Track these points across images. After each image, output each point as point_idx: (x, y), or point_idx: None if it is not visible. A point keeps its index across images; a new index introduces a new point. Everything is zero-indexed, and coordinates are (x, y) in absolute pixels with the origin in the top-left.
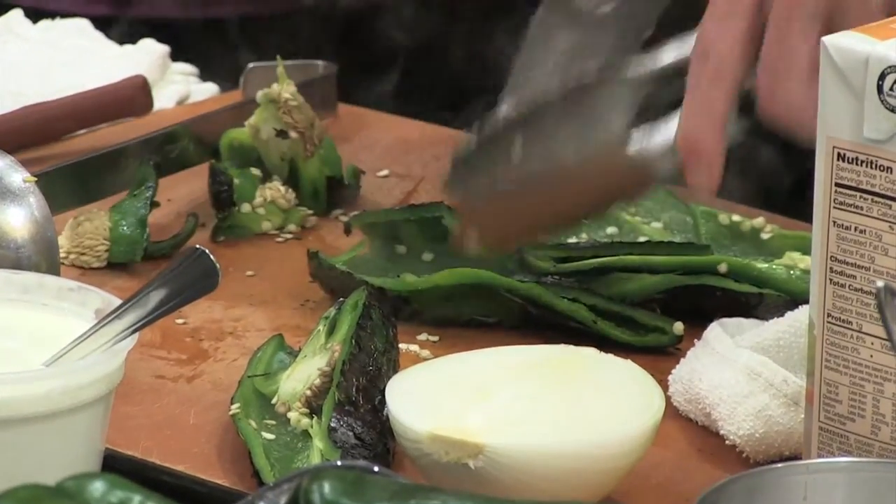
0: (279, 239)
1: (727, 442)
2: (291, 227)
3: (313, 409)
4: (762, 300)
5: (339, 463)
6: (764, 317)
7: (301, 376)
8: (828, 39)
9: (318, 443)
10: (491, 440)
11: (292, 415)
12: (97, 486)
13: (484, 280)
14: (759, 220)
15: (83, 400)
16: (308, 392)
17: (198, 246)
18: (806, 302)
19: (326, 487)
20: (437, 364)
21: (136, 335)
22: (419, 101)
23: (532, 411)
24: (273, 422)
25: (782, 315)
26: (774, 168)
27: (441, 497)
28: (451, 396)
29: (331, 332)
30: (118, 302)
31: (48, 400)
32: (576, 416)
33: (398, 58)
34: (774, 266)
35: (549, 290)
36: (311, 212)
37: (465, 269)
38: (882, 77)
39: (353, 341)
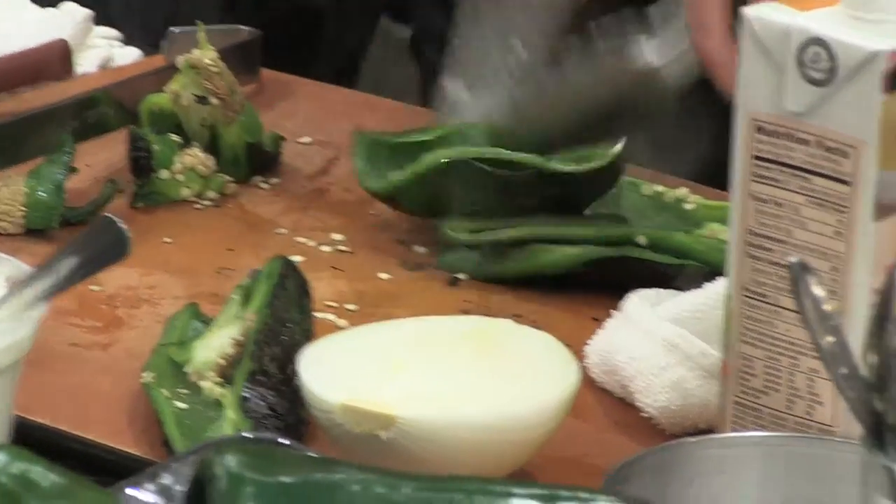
0: (198, 206)
1: (643, 414)
2: (211, 193)
3: (227, 378)
4: (682, 271)
5: (246, 435)
6: (684, 288)
7: (215, 345)
8: (748, 11)
9: (230, 413)
10: (403, 412)
11: (205, 384)
12: None
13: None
14: (682, 191)
15: None
16: (221, 361)
17: (107, 214)
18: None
19: (230, 460)
20: (351, 334)
21: (47, 303)
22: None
23: (445, 383)
24: (186, 391)
25: (702, 286)
26: (702, 139)
27: (346, 470)
28: (364, 367)
29: (246, 301)
30: (29, 270)
31: None
32: (489, 388)
33: (324, 24)
34: (694, 237)
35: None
36: (231, 179)
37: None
38: (803, 49)
39: (268, 311)
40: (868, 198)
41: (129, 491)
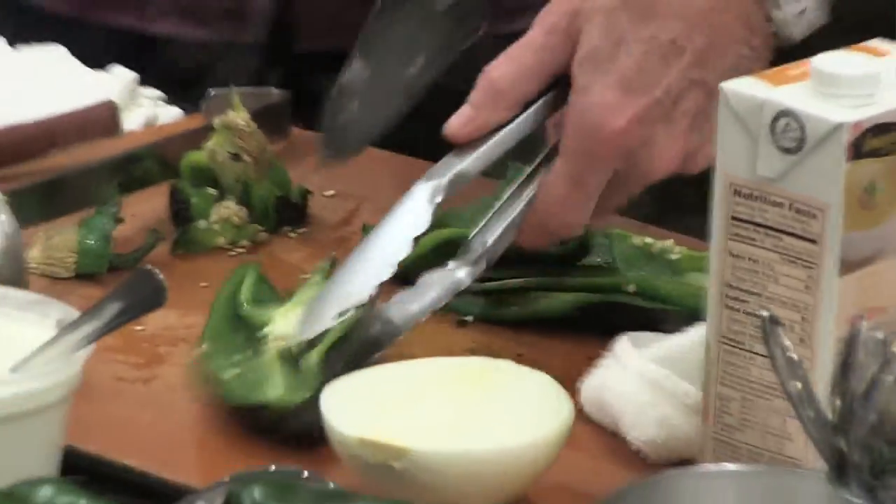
0: (232, 253)
1: (632, 447)
2: (244, 242)
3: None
4: (668, 316)
5: (272, 469)
6: (669, 331)
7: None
8: (726, 85)
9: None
10: (414, 444)
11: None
12: (45, 492)
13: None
14: (668, 243)
15: (45, 403)
16: None
17: (147, 266)
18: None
19: (256, 492)
20: (369, 373)
21: (93, 344)
22: None
23: (453, 418)
24: (239, 356)
25: (685, 330)
26: (686, 195)
27: (360, 502)
28: (380, 403)
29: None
30: (77, 314)
31: (13, 403)
32: (492, 423)
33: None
34: (678, 285)
35: None
36: (262, 228)
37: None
38: (775, 120)
39: None
40: (834, 256)
41: None
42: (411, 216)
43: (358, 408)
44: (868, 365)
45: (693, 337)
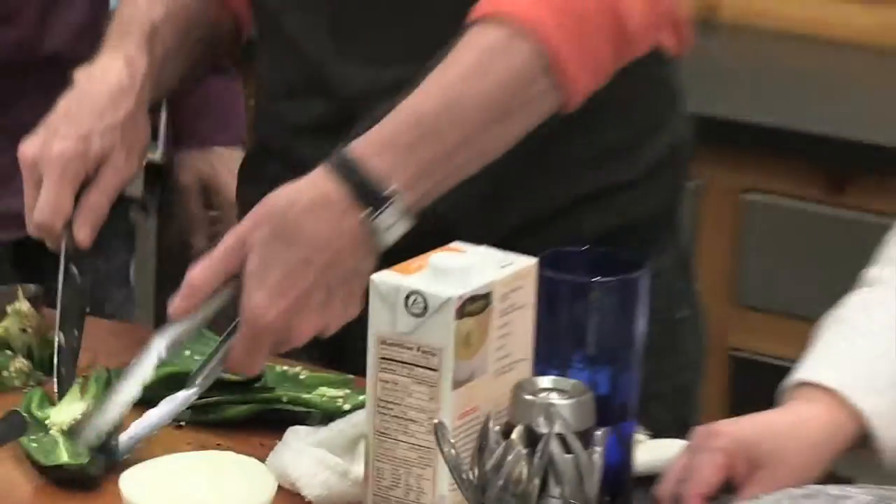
0: (25, 390)
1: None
2: (32, 383)
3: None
4: (310, 415)
5: None
6: (314, 425)
7: (67, 412)
8: (375, 276)
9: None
10: None
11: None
12: None
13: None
14: (298, 368)
15: None
16: (72, 422)
17: (17, 409)
18: (338, 416)
19: None
20: (147, 464)
21: None
22: None
23: (198, 494)
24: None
25: (326, 424)
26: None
27: None
28: (156, 485)
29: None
30: None
31: None
32: (223, 496)
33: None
34: (314, 396)
35: None
36: (42, 373)
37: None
38: (408, 297)
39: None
40: (447, 378)
41: None
42: (142, 368)
43: (148, 489)
44: (495, 447)
45: (339, 427)
